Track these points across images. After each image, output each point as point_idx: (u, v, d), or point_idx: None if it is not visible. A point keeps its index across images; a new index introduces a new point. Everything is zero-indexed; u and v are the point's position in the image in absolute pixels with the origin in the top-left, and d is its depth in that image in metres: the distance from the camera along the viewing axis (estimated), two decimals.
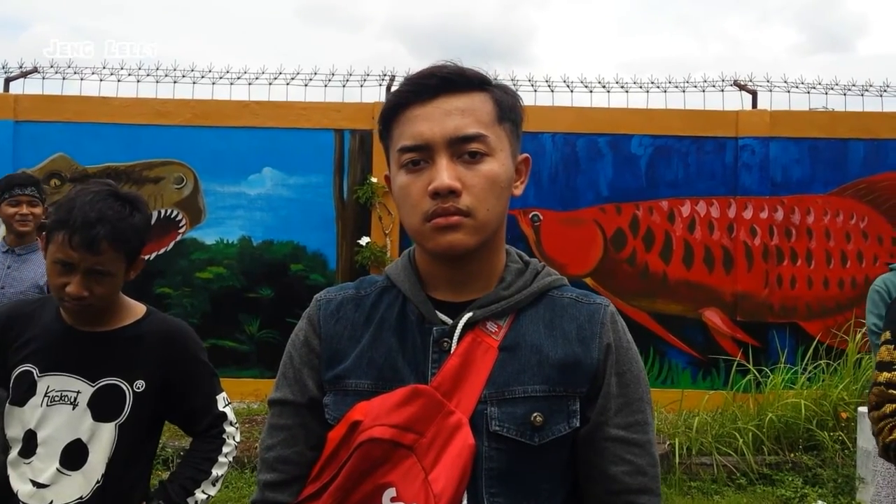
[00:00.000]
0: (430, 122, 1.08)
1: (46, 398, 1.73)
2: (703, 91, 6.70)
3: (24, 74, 6.66)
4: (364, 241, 6.29)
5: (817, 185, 6.39)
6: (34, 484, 1.71)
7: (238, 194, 6.43)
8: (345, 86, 6.72)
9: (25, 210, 3.27)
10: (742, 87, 6.67)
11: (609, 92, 6.74)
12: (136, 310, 1.85)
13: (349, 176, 6.42)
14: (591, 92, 6.75)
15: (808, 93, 6.73)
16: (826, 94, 6.72)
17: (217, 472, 1.83)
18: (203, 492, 1.80)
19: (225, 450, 1.85)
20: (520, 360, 1.11)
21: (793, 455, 4.99)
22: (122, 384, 1.75)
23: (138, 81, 6.65)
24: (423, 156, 1.08)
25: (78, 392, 1.73)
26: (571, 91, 6.76)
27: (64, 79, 6.66)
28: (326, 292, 1.23)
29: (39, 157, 6.32)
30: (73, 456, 1.71)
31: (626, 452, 1.12)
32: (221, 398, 1.88)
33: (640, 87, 6.74)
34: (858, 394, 5.23)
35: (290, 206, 6.42)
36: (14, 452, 1.75)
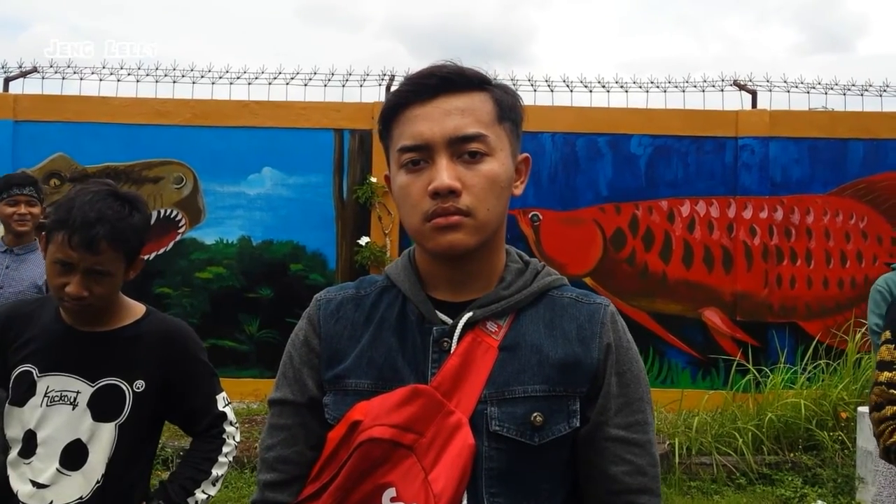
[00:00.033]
0: (430, 121, 1.08)
1: (46, 398, 1.72)
2: (703, 91, 6.70)
3: (24, 74, 6.66)
4: (364, 240, 6.29)
5: (817, 185, 6.39)
6: (34, 484, 1.70)
7: (237, 194, 6.43)
8: (344, 86, 6.73)
9: (24, 210, 3.27)
10: (742, 87, 6.67)
11: (609, 92, 6.74)
12: (136, 310, 1.84)
13: (349, 176, 6.42)
14: (591, 92, 6.76)
15: (808, 93, 6.74)
16: (826, 94, 6.73)
17: (217, 471, 1.83)
18: (203, 492, 1.80)
19: (225, 450, 1.85)
20: (520, 359, 1.11)
21: (792, 455, 4.99)
22: (121, 384, 1.75)
23: (138, 81, 6.65)
24: (423, 156, 1.08)
25: (78, 392, 1.73)
26: (571, 91, 6.76)
27: (63, 79, 6.66)
28: (326, 292, 1.22)
29: (39, 157, 6.32)
30: (73, 456, 1.71)
31: (626, 452, 1.12)
32: (221, 398, 1.88)
33: (640, 87, 6.75)
34: (858, 394, 5.23)
35: (290, 205, 6.42)
36: (14, 453, 1.74)
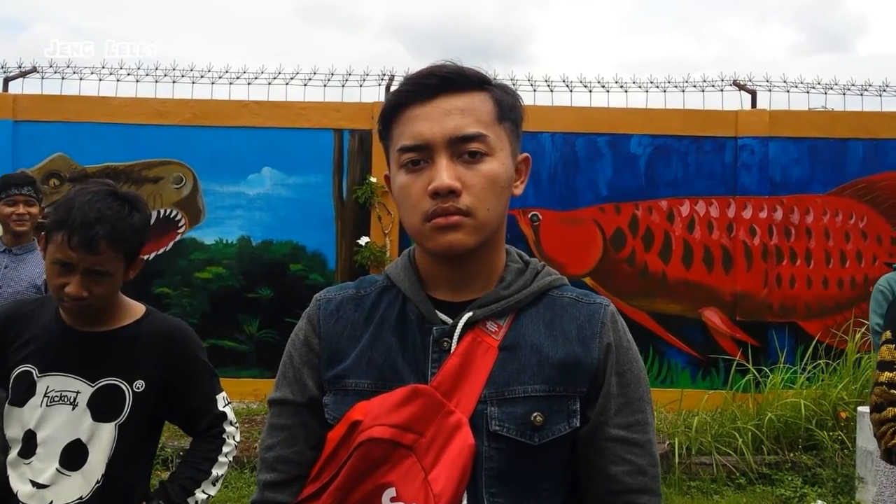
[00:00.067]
0: (430, 121, 1.07)
1: (46, 398, 1.72)
2: (703, 91, 6.71)
3: (23, 74, 6.66)
4: (363, 240, 6.29)
5: (816, 185, 6.39)
6: (34, 484, 1.70)
7: (237, 194, 6.43)
8: (344, 85, 6.73)
9: (22, 210, 3.27)
10: (741, 87, 6.67)
11: (608, 92, 6.74)
12: (136, 310, 1.84)
13: (348, 176, 6.42)
14: (591, 92, 6.76)
15: (808, 93, 6.74)
16: (825, 93, 6.73)
17: (217, 471, 1.83)
18: (203, 492, 1.80)
19: (225, 449, 1.85)
20: (520, 359, 1.10)
21: (792, 455, 4.99)
22: (121, 384, 1.75)
23: (137, 81, 6.65)
24: (423, 155, 1.08)
25: (77, 392, 1.73)
26: (571, 91, 6.77)
27: (63, 79, 6.66)
28: (326, 292, 1.22)
29: (38, 157, 6.32)
30: (73, 456, 1.71)
31: (626, 452, 1.12)
32: (221, 398, 1.88)
33: (640, 87, 6.75)
34: (858, 393, 5.23)
35: (290, 205, 6.42)
36: (14, 453, 1.74)
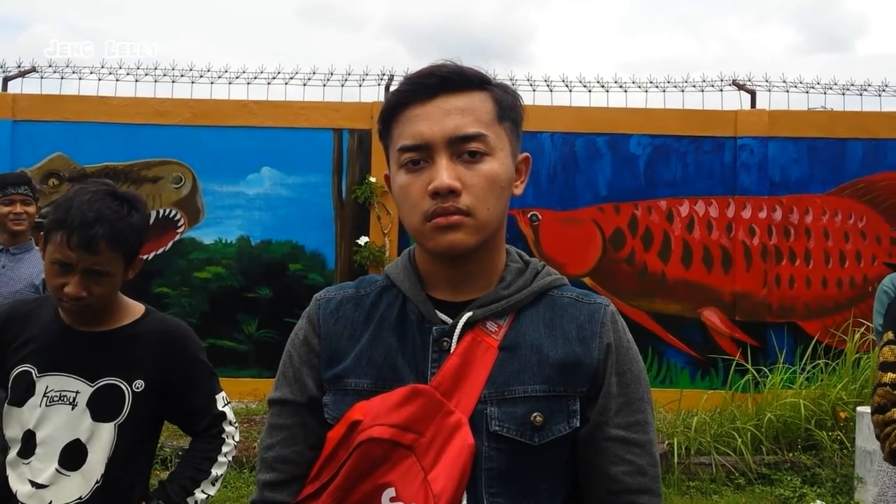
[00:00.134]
0: (430, 121, 1.07)
1: (45, 398, 1.72)
2: (702, 91, 6.71)
3: (23, 74, 6.66)
4: (363, 240, 6.29)
5: (816, 185, 6.40)
6: (33, 484, 1.70)
7: (236, 194, 6.43)
8: (343, 85, 6.73)
9: (19, 209, 3.26)
10: (741, 87, 6.68)
11: (608, 92, 6.75)
12: (135, 309, 1.84)
13: (348, 175, 6.42)
14: (590, 92, 6.76)
15: (807, 92, 6.74)
16: (825, 93, 6.73)
17: (216, 471, 1.83)
18: (203, 491, 1.80)
19: (224, 449, 1.85)
20: (520, 359, 1.10)
21: (791, 455, 4.99)
22: (121, 384, 1.75)
23: (136, 81, 6.65)
24: (423, 155, 1.08)
25: (77, 392, 1.73)
26: (570, 91, 6.77)
27: (62, 78, 6.65)
28: (326, 291, 1.22)
29: (38, 157, 6.32)
30: (72, 456, 1.71)
31: (626, 452, 1.12)
32: (221, 398, 1.88)
33: (639, 87, 6.75)
34: (857, 393, 5.23)
35: (289, 205, 6.42)
36: (13, 453, 1.74)
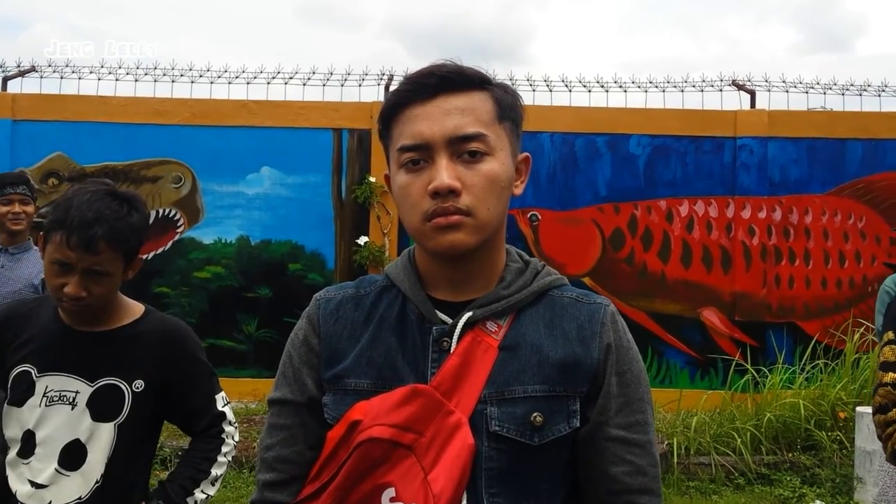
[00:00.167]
0: (430, 121, 1.07)
1: (45, 398, 1.72)
2: (702, 91, 6.71)
3: (22, 73, 6.65)
4: (362, 240, 6.28)
5: (815, 185, 6.40)
6: (32, 484, 1.70)
7: (236, 194, 6.42)
8: (343, 85, 6.72)
9: (18, 208, 3.24)
10: (740, 87, 6.68)
11: (607, 92, 6.75)
12: (135, 309, 1.84)
13: (347, 175, 6.42)
14: (590, 92, 6.76)
15: (807, 93, 6.74)
16: (824, 93, 6.74)
17: (216, 471, 1.83)
18: (202, 491, 1.79)
19: (224, 449, 1.85)
20: (520, 359, 1.10)
21: (791, 455, 4.99)
22: (120, 384, 1.75)
23: (136, 81, 6.65)
24: (423, 155, 1.08)
25: (77, 392, 1.72)
26: (570, 91, 6.77)
27: (62, 78, 6.65)
28: (326, 291, 1.22)
29: (37, 157, 6.31)
30: (72, 456, 1.71)
31: (626, 453, 1.12)
32: (220, 398, 1.88)
33: (639, 87, 6.75)
34: (857, 394, 5.23)
35: (289, 205, 6.42)
36: (12, 453, 1.74)
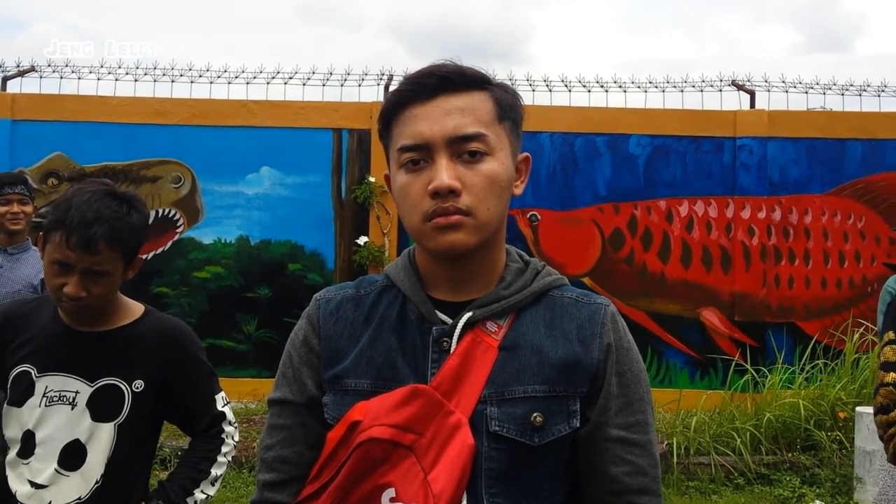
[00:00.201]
0: (430, 121, 1.07)
1: (45, 398, 1.72)
2: (701, 91, 6.71)
3: (22, 73, 6.65)
4: (362, 240, 6.28)
5: (815, 185, 6.40)
6: (32, 485, 1.70)
7: (236, 194, 6.42)
8: (343, 85, 6.72)
9: (16, 209, 3.23)
10: (740, 87, 6.68)
11: (607, 92, 6.75)
12: (135, 309, 1.84)
13: (347, 175, 6.42)
14: (589, 92, 6.76)
15: (806, 93, 6.74)
16: (824, 94, 6.74)
17: (216, 471, 1.83)
18: (202, 492, 1.79)
19: (224, 449, 1.85)
20: (520, 359, 1.10)
21: (790, 455, 4.99)
22: (120, 384, 1.75)
23: (136, 81, 6.64)
24: (423, 155, 1.08)
25: (77, 392, 1.72)
26: (569, 91, 6.77)
27: (61, 78, 6.65)
28: (326, 292, 1.22)
29: (37, 157, 6.31)
30: (72, 456, 1.71)
31: (626, 453, 1.12)
32: (220, 398, 1.88)
33: (638, 87, 6.75)
34: (856, 394, 5.23)
35: (288, 205, 6.42)
36: (12, 453, 1.74)
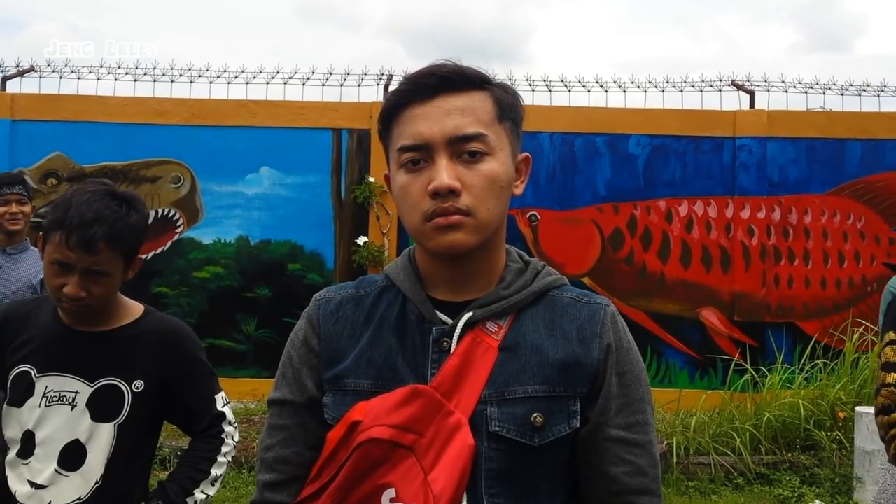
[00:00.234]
0: (430, 121, 1.07)
1: (45, 398, 1.72)
2: (701, 91, 6.71)
3: (22, 73, 6.64)
4: (361, 240, 6.28)
5: (814, 185, 6.40)
6: (32, 485, 1.70)
7: (235, 194, 6.42)
8: (342, 85, 6.72)
9: (15, 209, 3.22)
10: (739, 87, 6.68)
11: (607, 92, 6.74)
12: (134, 309, 1.84)
13: (347, 175, 6.41)
14: (589, 92, 6.76)
15: (806, 93, 6.75)
16: (823, 93, 6.74)
17: (216, 471, 1.83)
18: (202, 492, 1.79)
19: (224, 449, 1.85)
20: (520, 360, 1.10)
21: (790, 455, 4.99)
22: (120, 384, 1.75)
23: (135, 81, 6.64)
24: (423, 155, 1.07)
25: (76, 392, 1.72)
26: (569, 91, 6.77)
27: (61, 78, 6.64)
28: (326, 292, 1.22)
29: (36, 157, 6.31)
30: (72, 456, 1.71)
31: (626, 453, 1.12)
32: (220, 398, 1.88)
33: (638, 87, 6.75)
34: (856, 394, 5.23)
35: (288, 205, 6.41)
36: (12, 453, 1.74)
